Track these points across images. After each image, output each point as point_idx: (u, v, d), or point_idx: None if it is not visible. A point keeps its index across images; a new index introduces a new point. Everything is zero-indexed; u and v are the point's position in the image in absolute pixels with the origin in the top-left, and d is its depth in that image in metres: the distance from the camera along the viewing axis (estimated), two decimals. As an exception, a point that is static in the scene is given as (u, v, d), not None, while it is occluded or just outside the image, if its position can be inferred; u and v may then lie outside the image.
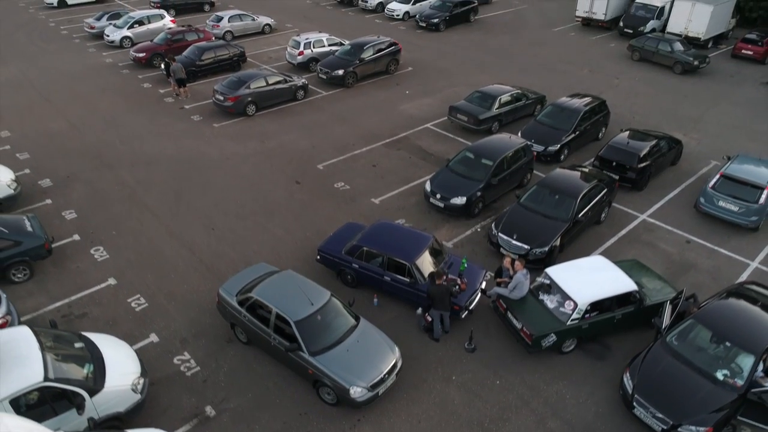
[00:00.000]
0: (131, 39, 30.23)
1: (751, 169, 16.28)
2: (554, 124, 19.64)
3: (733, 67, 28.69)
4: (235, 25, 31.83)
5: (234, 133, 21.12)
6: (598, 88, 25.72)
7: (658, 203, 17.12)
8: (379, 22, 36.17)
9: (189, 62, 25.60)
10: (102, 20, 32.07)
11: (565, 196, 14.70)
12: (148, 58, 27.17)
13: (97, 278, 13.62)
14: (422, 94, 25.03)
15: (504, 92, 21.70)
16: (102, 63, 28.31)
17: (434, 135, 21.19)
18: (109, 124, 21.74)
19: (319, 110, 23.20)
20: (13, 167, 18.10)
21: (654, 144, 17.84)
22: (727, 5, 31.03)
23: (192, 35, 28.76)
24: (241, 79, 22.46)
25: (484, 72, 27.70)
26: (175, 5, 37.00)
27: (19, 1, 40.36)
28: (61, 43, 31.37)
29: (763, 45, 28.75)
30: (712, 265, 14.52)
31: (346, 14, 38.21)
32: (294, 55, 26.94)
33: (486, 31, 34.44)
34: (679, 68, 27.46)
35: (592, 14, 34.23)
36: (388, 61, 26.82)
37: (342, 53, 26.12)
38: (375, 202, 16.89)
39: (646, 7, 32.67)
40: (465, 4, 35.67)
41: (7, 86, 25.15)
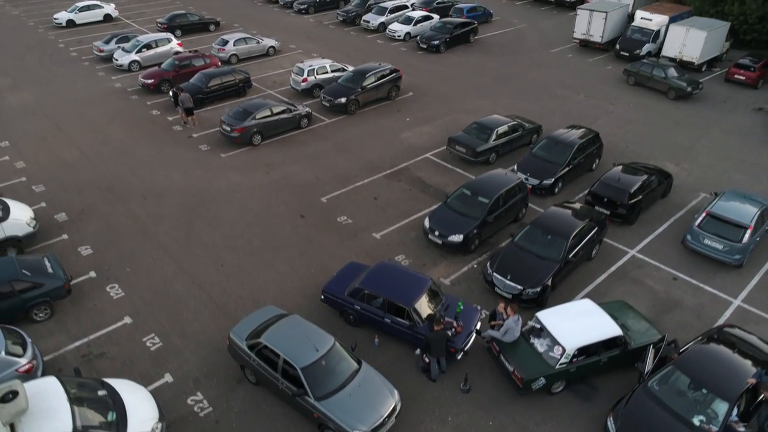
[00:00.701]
0: (139, 63, 31.11)
1: (736, 207, 17.01)
2: (549, 157, 20.39)
3: (725, 91, 29.39)
4: (240, 49, 32.64)
5: (240, 163, 21.92)
6: (593, 114, 26.49)
7: (647, 238, 17.87)
8: (381, 43, 36.97)
9: (196, 89, 26.42)
10: (111, 44, 32.93)
11: (556, 236, 15.46)
12: (156, 84, 28.01)
13: (114, 316, 14.43)
14: (422, 121, 25.80)
15: (501, 123, 22.46)
16: (111, 88, 29.15)
17: (434, 166, 21.96)
18: (120, 153, 22.57)
19: (322, 139, 23.99)
20: (30, 200, 19.02)
21: (644, 180, 18.57)
22: (721, 30, 31.72)
23: (199, 60, 29.56)
24: (246, 109, 23.25)
25: (483, 97, 28.47)
26: (181, 26, 37.84)
27: (28, 21, 41.27)
28: (71, 66, 32.22)
29: (755, 70, 29.43)
30: (696, 303, 15.26)
31: (348, 34, 39.01)
32: (298, 82, 27.73)
33: (485, 52, 35.21)
34: (673, 94, 28.18)
35: (589, 36, 34.98)
36: (390, 88, 27.60)
37: (344, 80, 26.90)
38: (376, 237, 17.67)
39: (641, 30, 33.39)
40: (465, 25, 36.46)
41: (21, 113, 26.03)
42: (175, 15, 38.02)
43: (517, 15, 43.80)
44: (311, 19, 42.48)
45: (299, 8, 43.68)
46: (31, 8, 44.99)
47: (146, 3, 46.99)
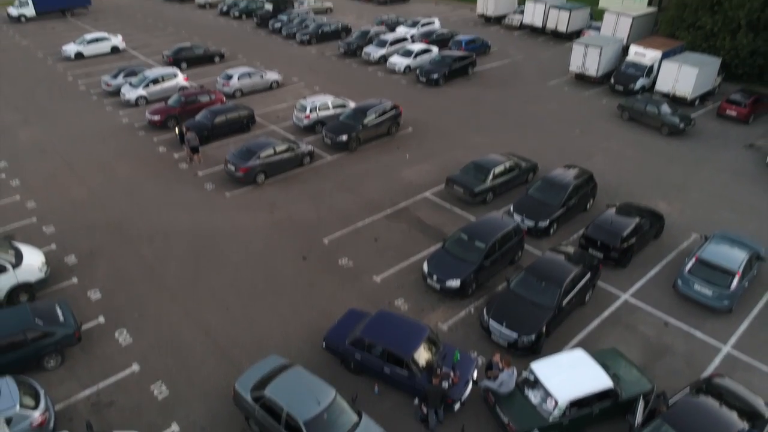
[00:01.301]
0: (146, 98, 31.92)
1: (725, 253, 17.56)
2: (544, 198, 20.99)
3: (717, 127, 30.11)
4: (244, 83, 33.48)
5: (245, 203, 22.54)
6: (588, 150, 27.16)
7: (639, 281, 18.38)
8: (381, 75, 37.84)
9: (202, 126, 27.16)
10: (118, 78, 33.80)
11: (551, 283, 16.00)
12: (163, 121, 28.77)
13: (122, 364, 14.92)
14: (421, 158, 26.48)
15: (498, 163, 23.11)
16: (119, 123, 29.91)
17: (433, 206, 22.57)
18: (128, 192, 23.22)
19: (324, 177, 24.65)
20: (40, 242, 19.63)
21: (637, 223, 19.14)
22: (713, 65, 32.55)
23: (204, 96, 30.36)
24: (250, 149, 23.94)
25: (481, 132, 29.20)
26: (187, 58, 38.79)
27: (37, 52, 42.26)
28: (80, 100, 33.05)
29: (746, 106, 30.17)
30: (687, 349, 15.73)
31: (349, 66, 39.92)
32: (301, 119, 28.48)
33: (484, 86, 36.04)
34: (666, 130, 28.88)
35: (585, 70, 35.84)
36: (390, 125, 28.32)
37: (345, 117, 27.64)
38: (376, 281, 18.21)
39: (635, 65, 34.24)
40: (463, 58, 37.34)
41: (32, 151, 26.75)
42: (180, 48, 38.97)
43: (514, 46, 44.78)
44: (313, 50, 43.46)
45: (302, 39, 44.70)
46: (40, 39, 46.08)
47: (153, 34, 48.12)
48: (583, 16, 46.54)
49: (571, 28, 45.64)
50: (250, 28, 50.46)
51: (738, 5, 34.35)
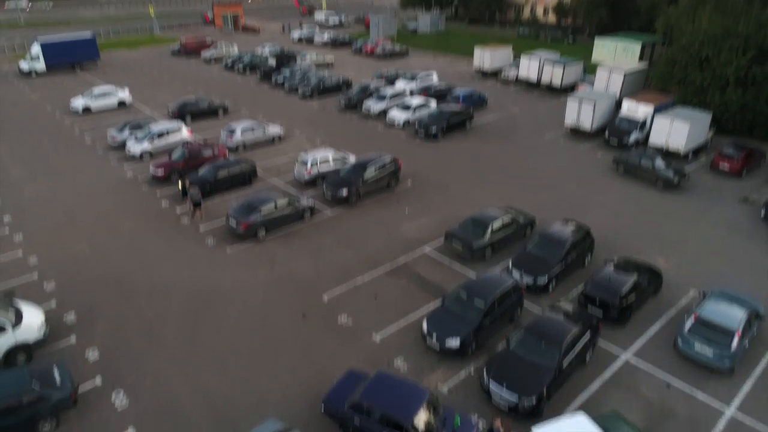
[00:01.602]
0: (151, 153, 32.59)
1: (724, 311, 17.60)
2: (542, 255, 21.19)
3: (711, 180, 30.62)
4: (247, 137, 34.26)
5: (245, 259, 22.71)
6: (584, 204, 27.54)
7: (640, 340, 18.32)
8: (381, 129, 38.73)
9: (205, 181, 27.64)
10: (124, 131, 34.61)
11: (550, 343, 15.98)
12: (166, 175, 29.29)
13: (118, 429, 14.70)
14: (420, 212, 26.82)
15: (495, 218, 23.40)
16: (123, 177, 30.43)
17: (432, 262, 22.73)
18: (130, 247, 23.42)
19: (324, 232, 24.91)
20: (41, 299, 19.70)
21: (635, 281, 19.24)
22: (704, 119, 33.39)
23: (207, 150, 31.01)
24: (252, 204, 24.31)
25: (479, 185, 29.68)
26: (192, 112, 39.81)
27: (46, 106, 43.39)
28: (86, 154, 33.74)
29: (738, 160, 30.77)
30: (690, 412, 15.54)
31: (350, 119, 40.92)
32: (302, 173, 29.02)
33: (481, 139, 36.86)
34: (661, 184, 29.36)
35: (580, 124, 36.73)
36: (389, 179, 28.83)
37: (346, 172, 28.16)
38: (376, 340, 18.16)
39: (628, 120, 35.14)
40: (461, 113, 38.33)
41: (36, 205, 27.13)
42: (185, 103, 40.06)
43: (510, 100, 46.03)
44: (315, 104, 44.64)
45: (304, 93, 45.98)
46: (49, 92, 47.39)
47: (159, 87, 49.50)
48: (577, 70, 48.06)
49: (566, 82, 47.06)
50: (254, 82, 51.99)
51: (725, 63, 35.57)
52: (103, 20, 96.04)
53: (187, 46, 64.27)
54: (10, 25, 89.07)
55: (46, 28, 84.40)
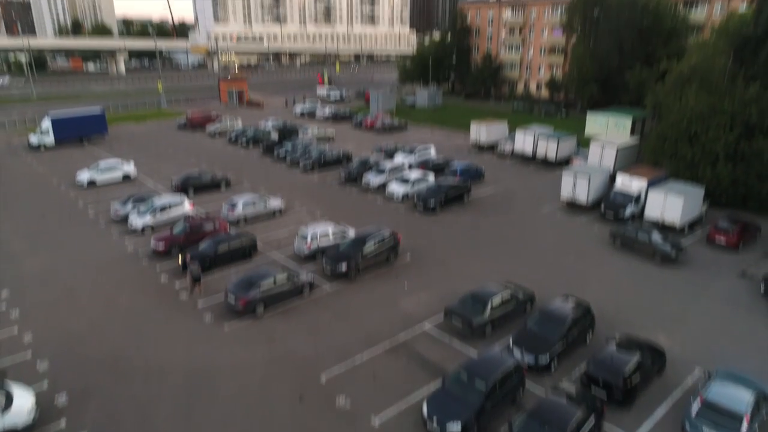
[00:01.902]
0: (152, 228, 32.95)
1: (731, 393, 17.24)
2: (543, 332, 21.00)
3: (708, 254, 30.81)
4: (248, 211, 34.76)
5: (243, 337, 22.45)
6: (583, 278, 27.57)
7: (647, 423, 17.81)
8: (380, 203, 39.36)
9: (205, 255, 27.79)
10: (127, 205, 35.16)
11: (554, 429, 15.54)
12: (167, 250, 29.48)
13: None
14: (420, 287, 26.80)
15: (495, 294, 23.36)
16: (124, 251, 30.60)
17: (432, 340, 22.47)
18: (127, 324, 23.20)
19: (323, 308, 24.78)
20: (33, 379, 19.30)
21: (638, 361, 18.96)
22: (697, 193, 34.07)
23: (209, 224, 31.37)
24: (251, 279, 24.33)
25: (478, 259, 29.82)
26: (194, 185, 40.61)
27: (52, 180, 44.29)
28: (88, 227, 34.10)
29: (734, 234, 31.10)
30: (702, 504, 14.89)
31: (350, 193, 41.67)
32: (302, 248, 29.25)
33: (479, 212, 37.39)
34: (659, 258, 29.52)
35: (576, 198, 37.41)
36: (388, 254, 29.01)
37: (345, 246, 28.37)
38: (374, 425, 17.64)
39: (623, 194, 35.84)
40: (459, 186, 39.12)
41: (35, 280, 27.13)
42: (188, 176, 40.96)
43: (506, 173, 47.10)
44: (316, 177, 45.62)
45: (305, 166, 47.09)
46: (55, 166, 48.49)
47: (164, 161, 50.69)
48: (571, 144, 49.50)
49: (560, 156, 48.35)
50: (257, 155, 53.36)
51: (714, 139, 36.75)
52: (114, 94, 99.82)
53: (192, 120, 66.43)
54: (23, 100, 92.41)
55: (58, 102, 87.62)
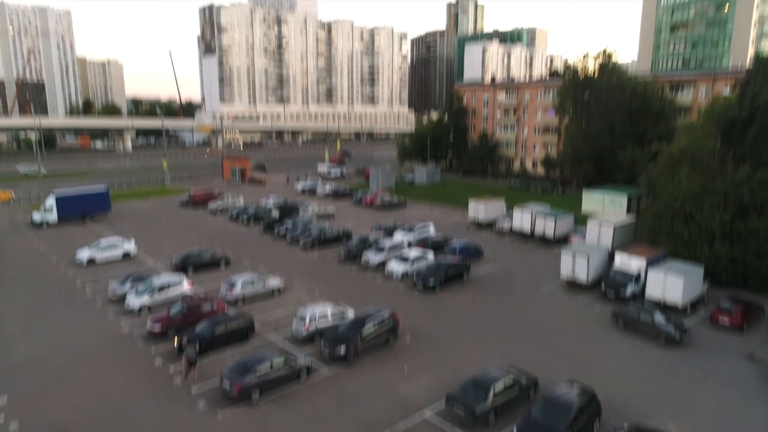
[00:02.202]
0: (149, 308, 32.64)
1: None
2: (548, 422, 20.28)
3: (713, 335, 30.33)
4: (246, 291, 34.56)
5: (237, 426, 21.65)
6: (587, 361, 26.97)
7: None
8: (379, 281, 39.21)
9: (201, 337, 27.33)
10: (126, 284, 35.01)
11: None
12: (163, 331, 29.05)
13: None
14: (420, 370, 26.15)
15: (497, 379, 22.77)
16: (119, 333, 30.12)
17: (433, 429, 21.65)
18: (117, 413, 22.42)
19: (321, 394, 24.06)
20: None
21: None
22: (697, 272, 34.03)
23: (207, 305, 31.09)
24: (247, 364, 23.78)
25: (479, 341, 29.31)
26: (194, 264, 40.62)
27: (52, 257, 44.37)
28: (84, 308, 33.75)
29: (737, 315, 30.77)
30: None
31: (349, 271, 41.62)
32: (300, 330, 28.85)
33: (479, 291, 37.18)
34: (663, 340, 29.04)
35: (575, 276, 37.34)
36: (388, 335, 28.57)
37: (344, 328, 27.97)
38: None
39: (623, 273, 35.82)
40: (458, 265, 39.14)
41: (27, 364, 26.52)
42: (188, 255, 41.07)
43: (506, 251, 47.28)
44: (315, 255, 45.73)
45: (305, 244, 47.34)
46: (56, 243, 48.70)
47: (165, 238, 51.00)
48: (568, 222, 50.06)
49: (558, 233, 48.76)
50: (257, 232, 53.78)
51: (709, 218, 37.24)
52: (120, 171, 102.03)
53: (195, 198, 67.50)
54: (30, 177, 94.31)
55: (65, 179, 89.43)
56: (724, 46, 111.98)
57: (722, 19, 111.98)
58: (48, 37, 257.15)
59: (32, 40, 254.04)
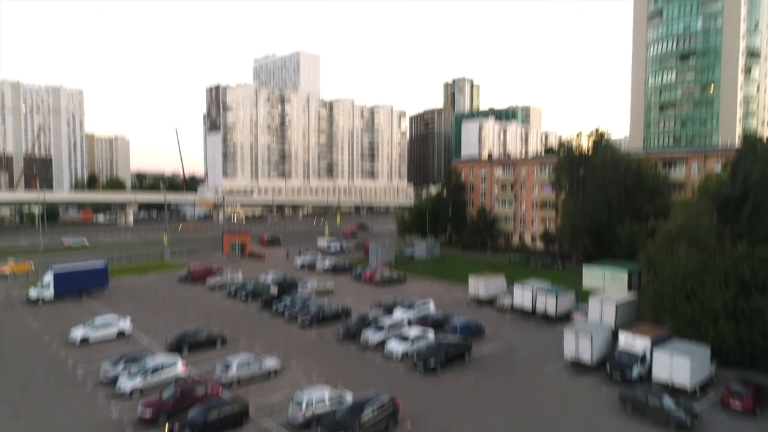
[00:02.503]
0: (141, 391, 31.62)
1: None
2: None
3: (726, 420, 29.19)
4: (242, 373, 33.60)
5: None
6: (597, 452, 25.79)
7: None
8: (379, 362, 38.23)
9: (193, 424, 26.29)
10: (119, 365, 34.08)
11: None
12: (154, 417, 27.96)
13: None
14: (422, 461, 24.95)
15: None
16: (107, 419, 28.97)
17: None
18: None
19: (316, 488, 22.79)
20: None
21: None
22: (704, 353, 33.26)
23: (200, 388, 30.11)
24: (241, 455, 22.73)
25: (482, 428, 28.16)
26: (190, 343, 39.78)
27: (44, 337, 43.46)
28: (74, 391, 32.65)
29: (748, 398, 29.77)
30: None
31: (348, 350, 40.69)
32: (296, 416, 27.78)
33: (480, 372, 36.15)
34: (674, 425, 27.93)
35: (579, 357, 36.47)
36: (388, 422, 27.49)
37: (342, 414, 26.99)
38: None
39: (628, 353, 35.01)
40: (459, 344, 38.34)
41: (7, 455, 25.32)
42: (184, 334, 40.33)
43: (507, 329, 46.46)
44: (314, 333, 44.88)
45: (303, 322, 46.59)
46: (51, 321, 47.88)
47: (161, 315, 50.24)
48: (570, 299, 49.56)
49: (560, 311, 48.13)
50: (256, 310, 53.04)
51: (711, 296, 36.89)
52: (120, 246, 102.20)
53: (193, 273, 67.19)
54: (30, 251, 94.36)
55: (64, 253, 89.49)
56: (712, 124, 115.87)
57: (708, 99, 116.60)
58: (59, 115, 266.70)
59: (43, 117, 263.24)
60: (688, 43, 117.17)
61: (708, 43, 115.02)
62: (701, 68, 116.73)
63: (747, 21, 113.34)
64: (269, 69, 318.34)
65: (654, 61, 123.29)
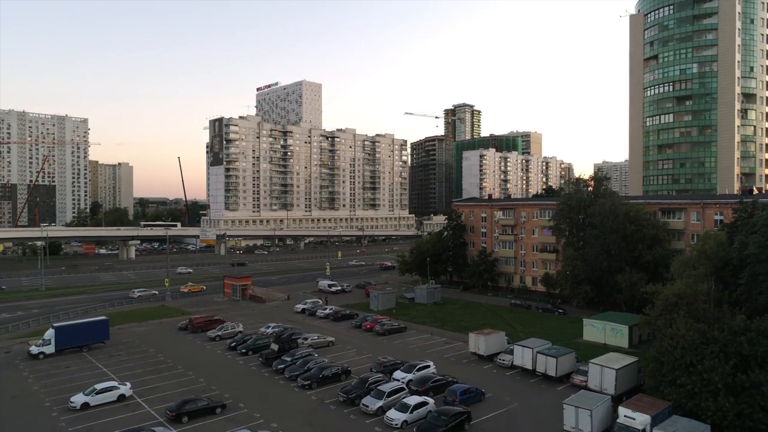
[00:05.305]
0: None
1: None
2: None
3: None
4: (241, 450, 33.59)
5: None
6: None
7: None
8: (379, 430, 38.11)
9: None
10: (117, 440, 34.07)
11: None
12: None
13: None
14: None
15: None
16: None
17: None
18: None
19: None
20: None
21: None
22: (705, 431, 33.16)
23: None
24: None
25: None
26: (190, 411, 39.74)
27: (45, 401, 43.43)
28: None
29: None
30: None
31: (347, 417, 40.56)
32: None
33: (481, 447, 36.02)
34: None
35: (579, 430, 36.33)
36: None
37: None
38: None
39: (628, 428, 34.86)
40: (459, 414, 38.24)
41: None
42: (185, 401, 40.31)
43: (507, 390, 46.27)
44: (314, 395, 44.74)
45: (303, 384, 46.54)
46: (52, 380, 47.89)
47: (161, 373, 50.23)
48: (570, 360, 49.43)
49: (560, 371, 48.01)
50: (255, 365, 52.98)
51: (710, 369, 36.80)
52: (122, 284, 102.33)
53: (194, 324, 67.20)
54: (31, 291, 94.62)
55: (66, 294, 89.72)
56: (711, 164, 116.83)
57: (706, 141, 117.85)
58: (64, 145, 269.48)
59: (48, 147, 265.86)
60: (685, 86, 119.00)
61: (704, 87, 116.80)
62: (698, 111, 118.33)
63: (741, 65, 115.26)
64: (272, 99, 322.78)
65: (651, 103, 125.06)
